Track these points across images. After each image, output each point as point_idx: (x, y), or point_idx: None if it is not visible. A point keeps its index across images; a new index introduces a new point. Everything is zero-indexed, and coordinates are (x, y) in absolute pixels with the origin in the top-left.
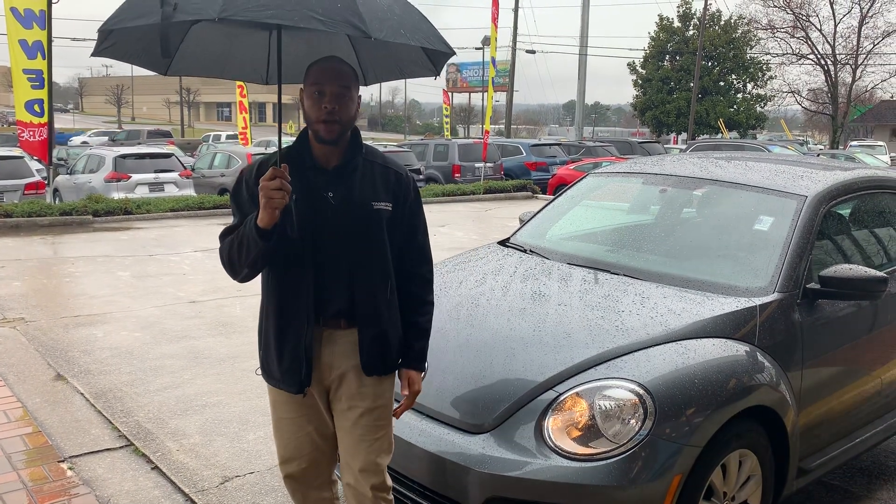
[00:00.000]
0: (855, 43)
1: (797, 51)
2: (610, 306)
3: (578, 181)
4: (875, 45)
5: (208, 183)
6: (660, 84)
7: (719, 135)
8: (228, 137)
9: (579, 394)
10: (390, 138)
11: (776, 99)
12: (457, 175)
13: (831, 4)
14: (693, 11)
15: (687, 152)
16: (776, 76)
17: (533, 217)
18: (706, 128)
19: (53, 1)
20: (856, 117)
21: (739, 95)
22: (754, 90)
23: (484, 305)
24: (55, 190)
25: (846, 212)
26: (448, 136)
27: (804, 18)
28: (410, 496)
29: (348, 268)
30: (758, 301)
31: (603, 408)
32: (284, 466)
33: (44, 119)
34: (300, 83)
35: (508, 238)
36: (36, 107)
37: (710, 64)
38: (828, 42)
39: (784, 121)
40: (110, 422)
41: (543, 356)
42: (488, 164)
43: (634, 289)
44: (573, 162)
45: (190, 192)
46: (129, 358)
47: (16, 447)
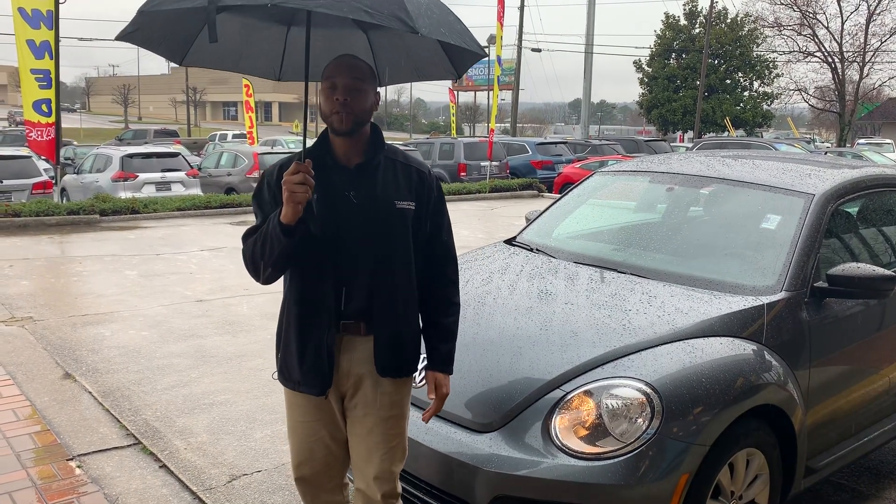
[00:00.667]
0: (862, 40)
1: (804, 48)
2: (617, 305)
3: (585, 180)
4: (882, 43)
5: (215, 182)
6: (666, 82)
7: (726, 133)
8: (235, 136)
9: (586, 393)
10: (395, 137)
11: (783, 97)
12: (462, 174)
13: (838, 2)
14: (699, 9)
15: (693, 150)
16: (783, 74)
17: (539, 216)
18: (712, 126)
19: (60, 1)
20: (863, 115)
21: (746, 93)
22: (761, 88)
23: (490, 304)
24: (62, 189)
25: (854, 210)
26: (454, 135)
27: (811, 16)
28: (417, 495)
29: (370, 268)
30: (765, 300)
31: (610, 407)
32: (297, 469)
33: (51, 119)
34: (316, 81)
35: (514, 237)
36: (44, 106)
37: (717, 62)
38: (835, 39)
39: (791, 119)
40: (118, 420)
41: (550, 355)
42: (494, 163)
43: (641, 288)
44: (579, 160)
45: (197, 192)
46: (137, 357)
47: (25, 445)
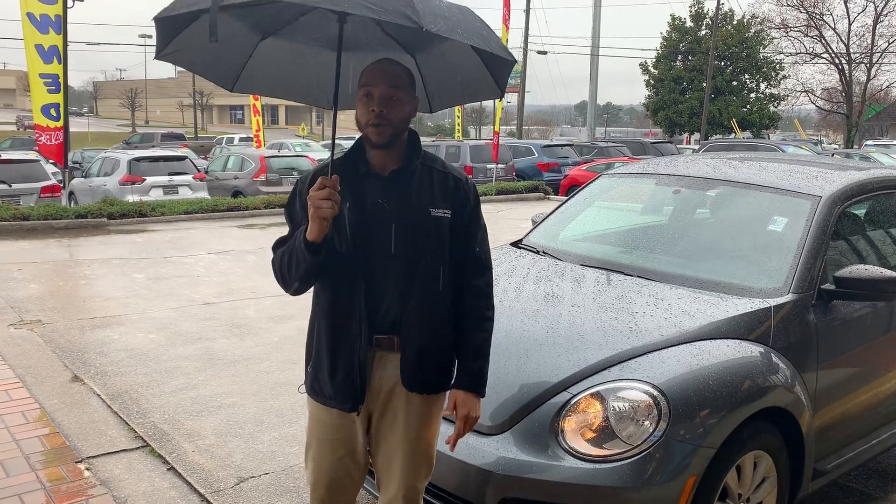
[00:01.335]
0: (869, 41)
1: (811, 50)
2: (623, 307)
3: (591, 182)
4: (890, 44)
5: (222, 185)
6: (672, 84)
7: (732, 135)
8: (242, 140)
9: (593, 395)
10: None
11: (790, 98)
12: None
13: (845, 3)
14: (705, 11)
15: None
16: (789, 75)
17: (545, 218)
18: (719, 128)
19: (69, 5)
20: (870, 116)
21: (752, 95)
22: (767, 90)
23: (497, 307)
24: (70, 193)
25: (861, 212)
26: (459, 138)
27: (818, 17)
28: (425, 497)
29: (402, 277)
30: (772, 302)
31: (617, 409)
32: (313, 488)
33: (59, 123)
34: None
35: (521, 239)
36: (52, 111)
37: (723, 63)
38: (842, 41)
39: (798, 120)
40: (126, 423)
41: (557, 357)
42: (500, 166)
43: (648, 290)
44: (585, 163)
45: (204, 195)
46: (145, 359)
47: (34, 448)
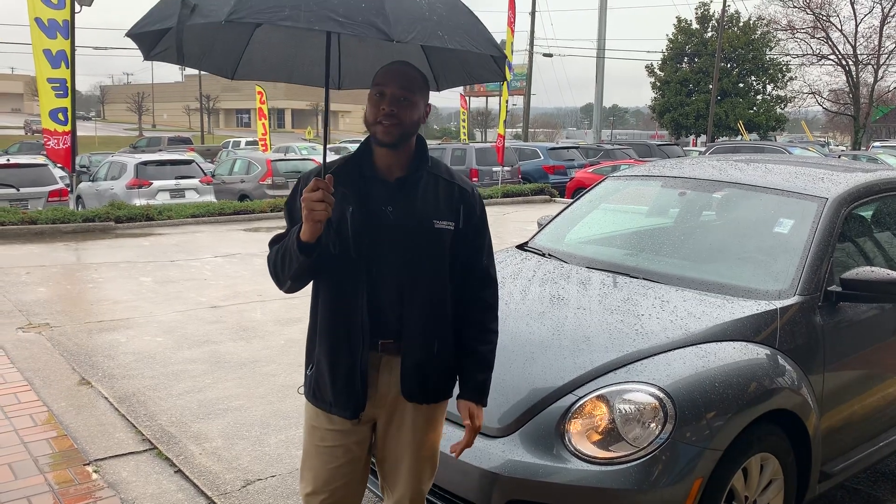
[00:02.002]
0: (876, 43)
1: (817, 51)
2: (629, 310)
3: (597, 184)
4: None
5: (228, 189)
6: (678, 86)
7: (739, 137)
8: (248, 143)
9: (599, 397)
10: None
11: (796, 100)
12: (474, 179)
13: (852, 4)
14: (711, 13)
15: (706, 155)
16: (796, 77)
17: (551, 221)
18: (725, 130)
19: (76, 11)
20: (878, 118)
21: (759, 97)
22: (774, 91)
23: (503, 309)
24: (78, 197)
25: (868, 214)
26: (465, 141)
27: (824, 19)
28: (431, 499)
29: (402, 287)
30: (778, 304)
31: (623, 411)
32: (309, 498)
33: (67, 127)
34: (367, 88)
35: (527, 242)
36: (60, 115)
37: (729, 65)
38: (849, 42)
39: (805, 122)
40: (134, 426)
41: (563, 360)
42: (506, 168)
43: (654, 292)
44: (591, 165)
45: (210, 198)
46: (152, 362)
47: (42, 450)
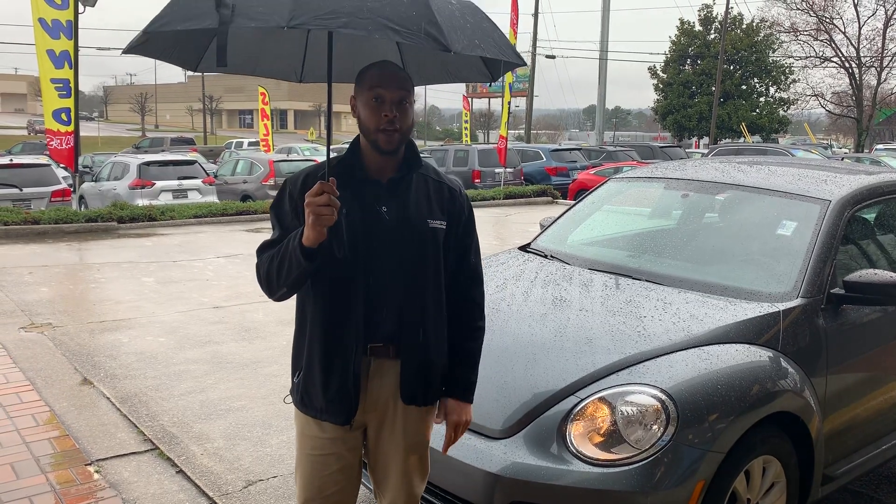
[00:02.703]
0: (880, 45)
1: (821, 53)
2: (632, 312)
3: (599, 186)
4: None
5: (231, 189)
6: (681, 88)
7: (742, 139)
8: (251, 144)
9: (601, 399)
10: None
11: (799, 102)
12: (477, 180)
13: (855, 6)
14: (714, 15)
15: (709, 157)
16: (799, 79)
17: (553, 222)
18: (728, 132)
19: (80, 11)
20: (881, 120)
21: (762, 99)
22: (777, 94)
23: (505, 311)
24: (81, 197)
25: (871, 216)
26: (468, 142)
27: (828, 21)
28: (432, 501)
29: (401, 289)
30: (781, 306)
31: (625, 413)
32: None
33: (70, 127)
34: (341, 83)
35: (529, 243)
36: (63, 115)
37: (732, 67)
38: (852, 44)
39: (808, 124)
40: (136, 426)
41: (565, 362)
42: (508, 170)
43: (656, 294)
44: (594, 167)
45: (213, 199)
46: (154, 363)
47: (44, 450)
